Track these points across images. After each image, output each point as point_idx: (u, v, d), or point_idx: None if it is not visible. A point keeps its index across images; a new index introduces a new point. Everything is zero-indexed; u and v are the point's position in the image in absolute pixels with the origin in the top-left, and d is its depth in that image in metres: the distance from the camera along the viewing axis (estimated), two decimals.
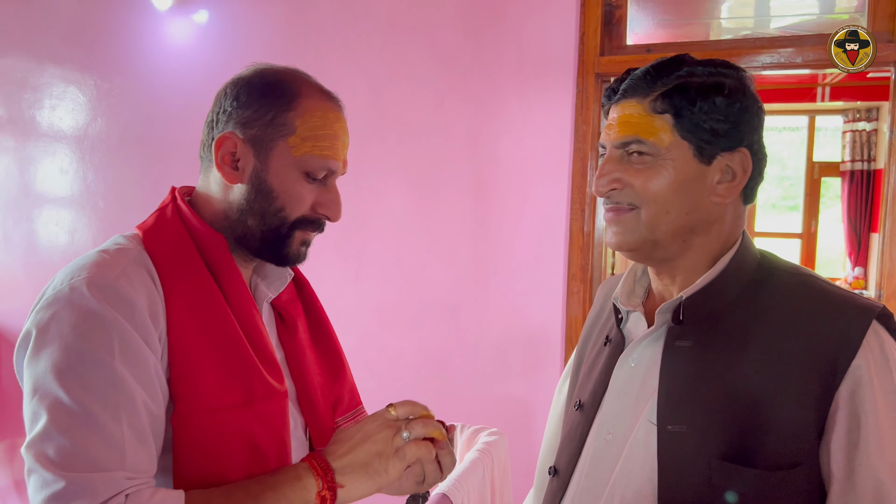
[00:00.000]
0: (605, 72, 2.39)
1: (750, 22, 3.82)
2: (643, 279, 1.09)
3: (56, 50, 3.12)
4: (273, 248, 0.99)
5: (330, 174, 1.00)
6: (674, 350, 0.94)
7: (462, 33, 2.51)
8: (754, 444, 0.86)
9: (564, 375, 1.24)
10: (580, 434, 1.03)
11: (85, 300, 0.83)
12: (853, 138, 5.36)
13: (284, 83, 0.98)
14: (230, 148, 0.97)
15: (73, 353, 0.81)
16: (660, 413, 0.92)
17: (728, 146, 0.93)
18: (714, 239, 0.97)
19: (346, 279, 2.71)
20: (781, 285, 0.93)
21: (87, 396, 0.80)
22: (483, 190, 2.52)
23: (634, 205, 0.94)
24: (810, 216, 5.72)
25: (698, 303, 0.94)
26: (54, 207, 3.18)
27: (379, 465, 0.88)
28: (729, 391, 0.88)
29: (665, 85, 0.93)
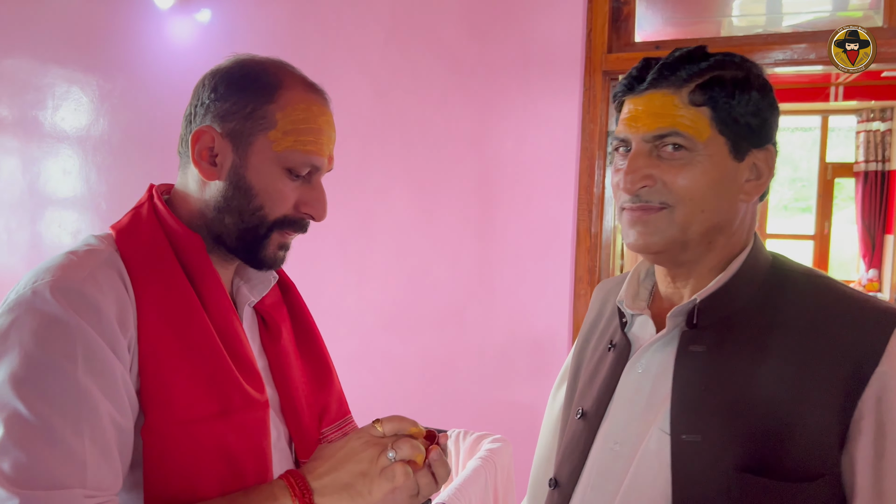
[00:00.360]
0: (613, 69, 2.35)
1: (762, 20, 3.77)
2: (647, 281, 1.04)
3: (58, 50, 3.10)
4: (248, 249, 0.94)
5: (314, 171, 0.95)
6: (687, 355, 0.89)
7: (466, 32, 2.48)
8: (775, 455, 0.81)
9: (558, 382, 1.19)
10: (583, 444, 0.98)
11: (47, 305, 0.79)
12: (867, 138, 5.28)
13: (265, 74, 0.92)
14: (207, 143, 0.92)
15: (33, 362, 0.77)
16: (673, 422, 0.87)
17: (758, 143, 0.89)
18: (733, 240, 0.93)
19: (348, 282, 2.68)
20: (797, 288, 0.89)
21: (46, 408, 0.75)
22: (488, 191, 2.48)
23: (666, 203, 0.88)
24: (823, 218, 5.64)
25: (713, 306, 0.89)
26: (57, 208, 3.17)
27: (362, 486, 0.83)
28: (746, 399, 0.84)
29: (699, 76, 0.87)
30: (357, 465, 0.84)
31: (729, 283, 0.90)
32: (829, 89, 5.02)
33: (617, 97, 0.96)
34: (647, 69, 0.91)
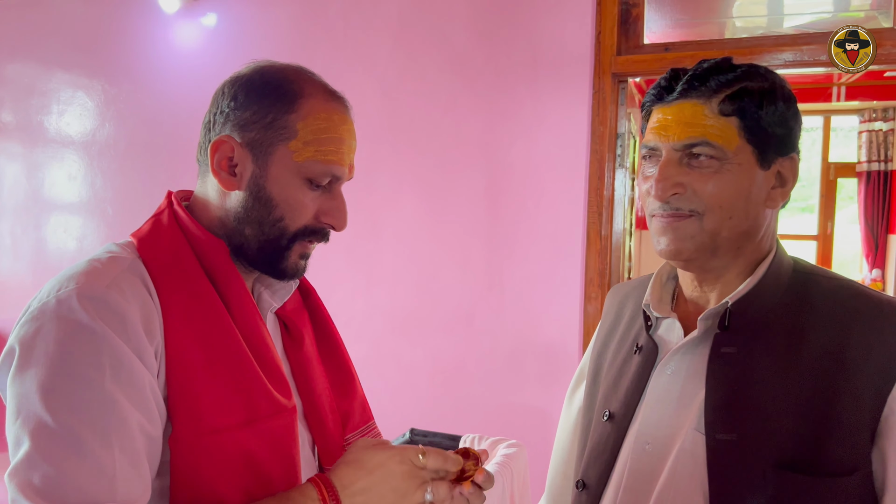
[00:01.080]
0: (622, 71, 2.34)
1: (763, 21, 3.78)
2: (669, 284, 1.06)
3: (63, 55, 3.09)
4: (269, 261, 0.93)
5: (334, 180, 0.94)
6: (720, 357, 0.91)
7: (475, 33, 2.47)
8: (811, 451, 0.84)
9: (574, 385, 1.21)
10: (612, 446, 1.00)
11: (73, 314, 0.77)
12: (869, 138, 5.28)
13: (286, 82, 0.91)
14: (227, 152, 0.90)
15: (60, 373, 0.76)
16: (708, 422, 0.89)
17: (784, 151, 0.93)
18: (758, 245, 0.96)
19: (357, 285, 2.67)
20: (821, 290, 0.92)
21: (74, 420, 0.74)
22: (497, 193, 2.48)
23: (696, 210, 0.91)
24: (826, 218, 5.64)
25: (743, 309, 0.92)
26: (62, 213, 3.16)
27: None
28: (780, 398, 0.87)
29: (728, 86, 0.90)
30: (392, 493, 0.82)
31: (757, 287, 0.93)
32: (832, 89, 5.02)
33: (645, 106, 0.98)
34: (676, 79, 0.94)
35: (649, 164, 0.96)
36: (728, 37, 3.59)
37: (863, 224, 5.36)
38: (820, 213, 5.68)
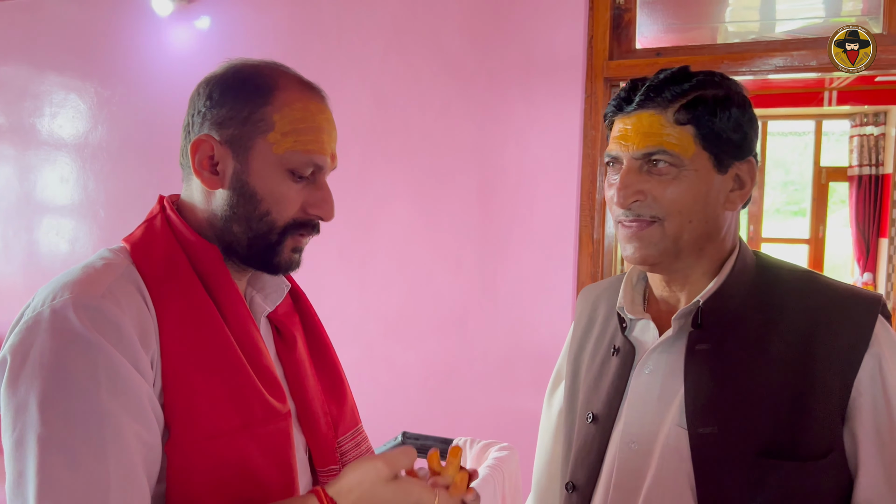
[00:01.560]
0: (615, 76, 2.35)
1: (755, 26, 3.80)
2: (639, 286, 1.11)
3: (56, 57, 3.09)
4: (262, 257, 0.93)
5: (317, 170, 0.93)
6: (695, 354, 0.96)
7: (468, 38, 2.48)
8: (788, 438, 0.89)
9: (552, 387, 1.24)
10: (598, 447, 1.03)
11: (68, 324, 0.77)
12: (860, 143, 5.31)
13: (259, 76, 0.91)
14: (207, 151, 0.90)
15: (55, 384, 0.75)
16: (689, 417, 0.93)
17: (740, 156, 0.97)
18: (721, 245, 1.00)
19: (350, 289, 2.67)
20: (785, 283, 0.97)
21: (68, 432, 0.74)
22: (490, 197, 2.48)
23: (657, 217, 0.95)
24: (818, 221, 5.67)
25: (714, 306, 0.96)
26: (54, 216, 3.15)
27: None
28: (755, 389, 0.91)
29: (683, 96, 0.94)
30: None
31: (724, 284, 0.97)
32: (823, 94, 5.05)
33: (607, 117, 1.03)
34: (634, 91, 0.99)
35: (612, 172, 1.00)
36: (720, 42, 3.60)
37: (854, 228, 5.38)
38: (812, 216, 5.71)
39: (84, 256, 3.48)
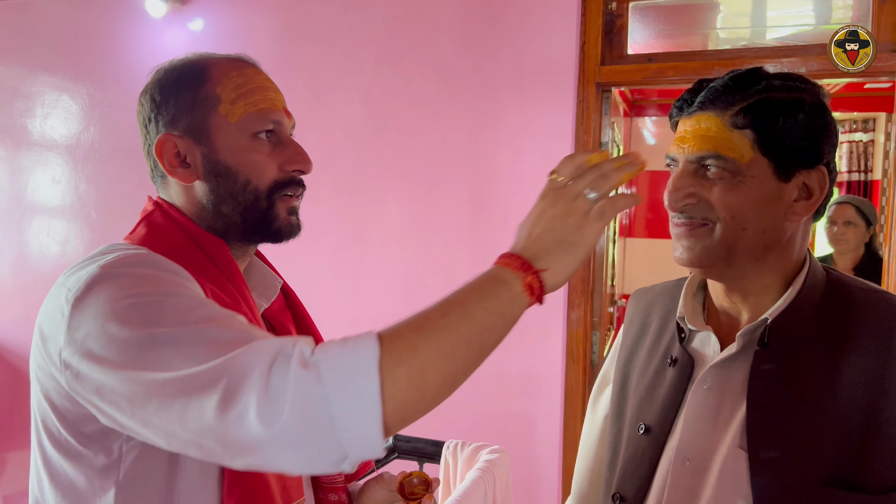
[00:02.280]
0: (606, 81, 2.37)
1: (746, 33, 3.82)
2: (698, 295, 1.06)
3: (48, 58, 3.08)
4: (261, 227, 0.94)
5: (277, 127, 0.95)
6: (760, 373, 0.90)
7: (460, 42, 2.49)
8: (855, 468, 0.84)
9: (597, 391, 1.19)
10: (649, 460, 0.99)
11: (127, 267, 0.77)
12: (850, 149, 5.34)
13: (189, 64, 0.94)
14: (171, 148, 0.92)
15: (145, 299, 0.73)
16: (750, 439, 0.88)
17: (807, 164, 0.91)
18: (787, 257, 0.95)
19: (342, 292, 2.67)
20: (858, 303, 0.91)
21: (183, 321, 0.72)
22: (482, 201, 2.49)
23: (708, 219, 0.92)
24: None
25: (782, 324, 0.91)
26: (45, 217, 3.14)
27: (574, 237, 0.77)
28: (823, 415, 0.86)
29: (745, 99, 0.90)
30: (556, 223, 0.78)
31: (794, 301, 0.92)
32: None
33: (672, 118, 0.99)
34: (696, 92, 0.95)
35: (672, 174, 0.97)
36: (711, 48, 3.63)
37: None
38: None
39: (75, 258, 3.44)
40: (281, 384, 0.65)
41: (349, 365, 0.67)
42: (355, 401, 0.66)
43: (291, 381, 0.65)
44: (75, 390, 0.75)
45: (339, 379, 0.66)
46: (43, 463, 0.84)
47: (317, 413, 0.65)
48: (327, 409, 0.65)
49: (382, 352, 0.69)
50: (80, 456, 0.81)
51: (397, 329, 0.73)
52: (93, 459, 0.81)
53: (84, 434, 0.81)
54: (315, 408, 0.65)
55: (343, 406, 0.66)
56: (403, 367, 0.69)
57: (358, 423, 0.66)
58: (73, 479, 0.82)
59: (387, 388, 0.67)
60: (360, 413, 0.66)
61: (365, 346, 0.69)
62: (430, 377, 0.71)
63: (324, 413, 0.65)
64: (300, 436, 0.65)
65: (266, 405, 0.65)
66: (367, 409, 0.66)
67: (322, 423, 0.65)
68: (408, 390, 0.69)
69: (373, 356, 0.68)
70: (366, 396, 0.66)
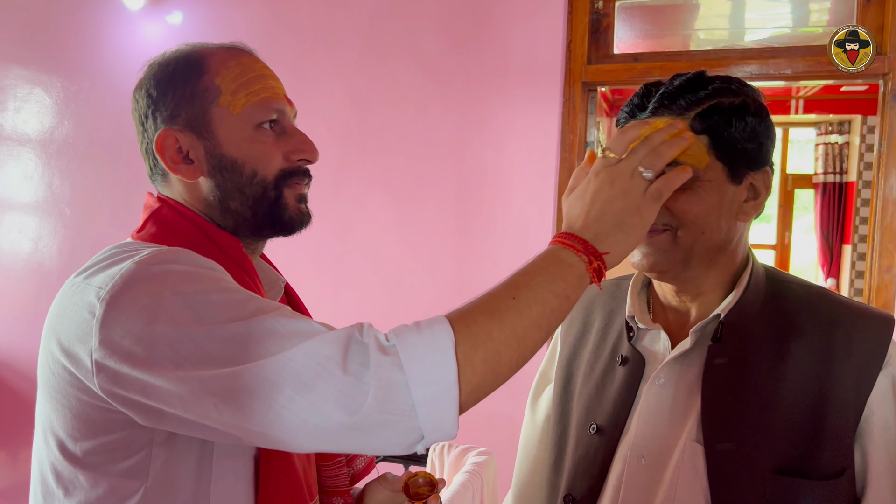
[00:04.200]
0: (593, 80, 2.36)
1: (725, 34, 3.85)
2: (643, 293, 1.07)
3: (21, 50, 3.00)
4: (271, 219, 0.91)
5: (280, 116, 0.92)
6: (713, 368, 0.93)
7: (446, 40, 2.46)
8: (804, 456, 0.87)
9: (535, 392, 1.19)
10: (601, 459, 0.99)
11: (168, 264, 0.74)
12: (825, 151, 5.42)
13: (184, 56, 0.90)
14: (172, 145, 0.88)
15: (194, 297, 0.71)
16: (706, 432, 0.90)
17: (755, 166, 0.93)
18: (734, 257, 0.97)
19: (324, 290, 2.64)
20: (798, 298, 0.95)
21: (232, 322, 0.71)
22: (467, 201, 2.47)
23: (669, 225, 0.92)
24: (784, 227, 5.77)
25: (732, 320, 0.94)
26: (17, 214, 3.06)
27: (634, 219, 0.78)
28: (772, 405, 0.89)
29: (698, 104, 0.90)
30: (613, 204, 0.79)
31: (742, 297, 0.94)
32: (790, 102, 5.14)
33: (619, 123, 0.98)
34: (648, 97, 0.94)
35: None
36: (694, 49, 3.64)
37: (819, 234, 5.49)
38: (778, 222, 5.81)
39: (48, 256, 3.35)
40: (361, 371, 0.67)
41: (428, 351, 0.69)
42: (436, 387, 0.68)
43: (373, 368, 0.67)
44: (113, 392, 0.72)
45: (420, 365, 0.68)
46: (55, 479, 0.79)
47: (399, 399, 0.67)
48: (409, 396, 0.67)
49: (458, 336, 0.70)
50: (99, 467, 0.77)
51: (469, 312, 0.74)
52: (115, 470, 0.77)
53: (107, 444, 0.77)
54: (398, 394, 0.67)
55: (424, 392, 0.68)
56: (480, 352, 0.71)
57: (438, 407, 0.69)
58: (92, 493, 0.77)
59: (465, 373, 0.70)
60: (440, 398, 0.68)
61: (440, 331, 0.71)
62: (504, 360, 0.73)
63: (406, 399, 0.67)
64: (382, 421, 0.67)
65: (347, 393, 0.66)
66: (446, 394, 0.69)
67: (404, 409, 0.68)
68: (484, 374, 0.71)
69: (449, 342, 0.70)
70: (446, 382, 0.69)
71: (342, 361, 0.67)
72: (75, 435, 0.77)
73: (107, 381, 0.71)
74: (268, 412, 0.67)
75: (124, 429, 0.75)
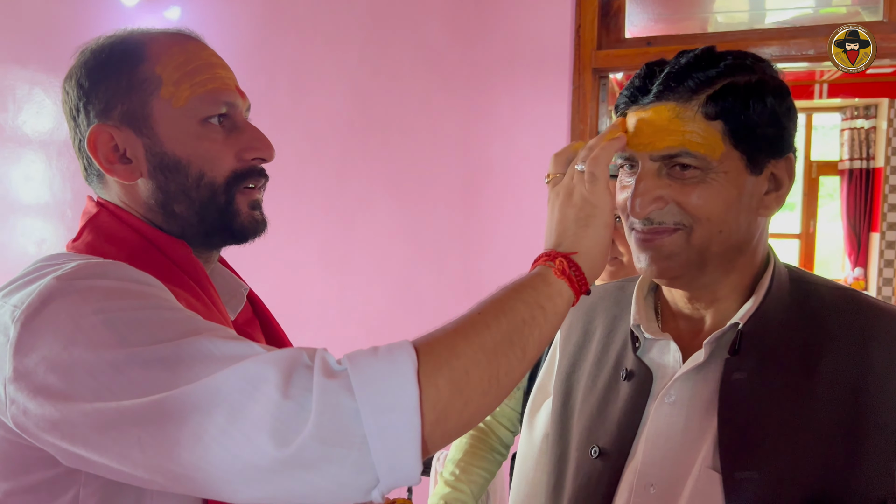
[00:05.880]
0: (603, 67, 2.27)
1: (745, 17, 3.74)
2: (649, 298, 0.96)
3: (19, 50, 2.96)
4: (221, 225, 0.82)
5: (231, 109, 0.82)
6: (731, 384, 0.82)
7: (450, 29, 2.39)
8: (838, 485, 0.77)
9: (533, 407, 1.10)
10: (605, 487, 0.88)
11: (93, 279, 0.66)
12: (851, 136, 5.27)
13: (121, 43, 0.81)
14: (106, 142, 0.79)
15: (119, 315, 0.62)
16: (723, 458, 0.80)
17: (777, 153, 0.82)
18: (753, 257, 0.87)
19: (329, 290, 2.59)
20: (827, 303, 0.85)
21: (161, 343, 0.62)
22: (474, 195, 2.40)
23: (682, 224, 0.81)
24: (808, 216, 5.62)
25: (752, 329, 0.83)
26: (19, 216, 3.03)
27: (586, 210, 0.77)
28: (799, 427, 0.79)
29: (709, 85, 0.80)
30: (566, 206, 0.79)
31: (763, 304, 0.83)
32: (814, 87, 4.99)
33: (619, 108, 0.88)
34: (651, 78, 0.83)
35: (625, 175, 0.86)
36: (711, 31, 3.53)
37: (845, 222, 5.36)
38: (802, 211, 5.67)
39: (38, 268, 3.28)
40: (303, 396, 0.57)
41: (384, 373, 0.60)
42: (393, 414, 0.58)
43: (316, 392, 0.57)
44: (26, 428, 0.63)
45: (374, 389, 0.58)
46: None
47: (347, 429, 0.57)
48: (359, 425, 0.57)
49: (420, 357, 0.62)
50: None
51: (432, 335, 0.67)
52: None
53: (27, 486, 0.68)
54: (345, 423, 0.57)
55: (379, 420, 0.57)
56: (444, 370, 0.62)
57: (396, 438, 0.58)
58: None
59: (428, 396, 0.60)
60: (398, 427, 0.58)
61: (399, 352, 0.62)
62: (474, 380, 0.64)
63: (355, 429, 0.57)
64: (325, 455, 0.57)
65: (283, 420, 0.56)
66: (406, 423, 0.58)
67: (353, 441, 0.57)
68: (451, 397, 0.62)
69: (410, 362, 0.61)
70: (405, 407, 0.58)
71: (282, 385, 0.57)
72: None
73: (19, 415, 0.62)
74: (195, 446, 0.57)
75: (47, 468, 0.66)
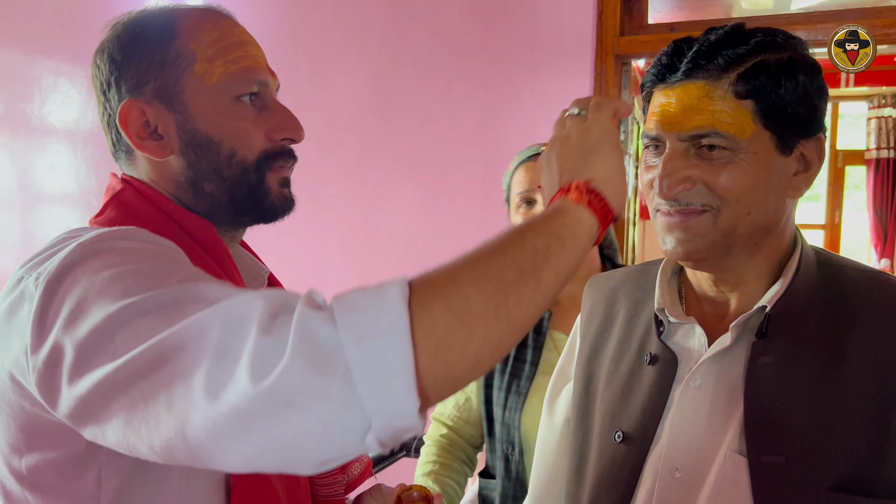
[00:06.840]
0: (626, 53, 2.24)
1: (770, 3, 3.68)
2: (673, 281, 0.95)
3: (44, 41, 2.99)
4: (253, 204, 0.82)
5: (262, 88, 0.82)
6: (757, 368, 0.81)
7: (470, 14, 2.37)
8: (867, 470, 0.76)
9: (553, 392, 1.08)
10: (629, 471, 0.88)
11: (113, 241, 0.65)
12: (878, 125, 5.17)
13: (154, 18, 0.81)
14: (138, 118, 0.79)
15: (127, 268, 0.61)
16: (750, 443, 0.79)
17: (807, 133, 0.81)
18: (781, 240, 0.86)
19: (349, 276, 2.59)
20: (855, 285, 0.83)
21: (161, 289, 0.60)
22: (495, 183, 2.38)
23: (709, 205, 0.80)
24: (834, 206, 5.53)
25: (781, 312, 0.82)
26: (46, 205, 3.07)
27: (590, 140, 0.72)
28: (829, 411, 0.78)
29: (739, 63, 0.78)
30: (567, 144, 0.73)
31: (791, 287, 0.82)
32: (840, 75, 4.90)
33: (645, 87, 0.87)
34: (679, 55, 0.82)
35: (651, 155, 0.85)
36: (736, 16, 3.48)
37: (871, 213, 5.26)
38: (827, 201, 5.57)
39: None
40: (282, 330, 0.52)
41: (369, 302, 0.54)
42: (378, 341, 0.51)
43: (295, 323, 0.52)
44: (49, 399, 0.63)
45: (356, 317, 0.52)
46: (4, 499, 0.72)
47: (326, 357, 0.51)
48: (340, 353, 0.51)
49: (413, 286, 0.56)
50: (46, 488, 0.69)
51: (432, 269, 0.61)
52: (65, 492, 0.69)
53: (52, 461, 0.68)
54: (323, 351, 0.51)
55: (362, 347, 0.51)
56: (440, 297, 0.56)
57: (382, 368, 0.51)
58: None
59: (421, 323, 0.53)
60: (384, 355, 0.51)
61: (390, 284, 0.56)
62: (476, 308, 0.56)
63: (336, 358, 0.51)
64: (303, 388, 0.50)
65: (261, 354, 0.51)
66: (393, 350, 0.51)
67: (334, 371, 0.50)
68: (449, 324, 0.54)
69: (398, 290, 0.55)
70: (392, 333, 0.51)
71: (266, 322, 0.53)
72: (20, 448, 0.69)
73: (42, 384, 0.62)
74: (186, 393, 0.53)
75: (70, 443, 0.66)
